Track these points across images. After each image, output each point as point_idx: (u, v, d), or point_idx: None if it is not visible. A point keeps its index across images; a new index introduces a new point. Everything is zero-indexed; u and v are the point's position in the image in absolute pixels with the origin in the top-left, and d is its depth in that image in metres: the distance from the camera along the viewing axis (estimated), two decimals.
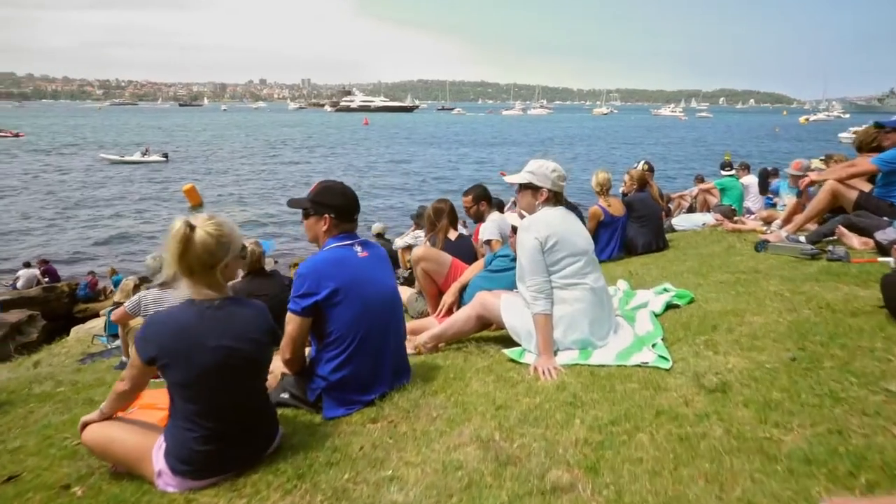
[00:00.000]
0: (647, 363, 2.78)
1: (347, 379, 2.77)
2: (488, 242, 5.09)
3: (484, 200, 5.21)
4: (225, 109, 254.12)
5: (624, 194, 6.93)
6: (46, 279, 17.58)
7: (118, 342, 6.96)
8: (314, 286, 2.69)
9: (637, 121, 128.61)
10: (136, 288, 8.70)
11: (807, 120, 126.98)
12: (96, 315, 15.14)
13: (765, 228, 6.63)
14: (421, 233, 11.41)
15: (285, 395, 3.05)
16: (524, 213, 3.40)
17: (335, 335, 2.75)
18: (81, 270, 19.11)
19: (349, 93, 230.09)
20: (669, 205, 13.24)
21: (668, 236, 8.28)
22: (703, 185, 10.51)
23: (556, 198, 3.33)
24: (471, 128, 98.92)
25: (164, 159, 45.04)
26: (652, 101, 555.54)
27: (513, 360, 3.16)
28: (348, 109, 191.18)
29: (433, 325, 3.89)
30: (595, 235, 6.27)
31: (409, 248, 8.75)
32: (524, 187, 3.35)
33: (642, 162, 7.40)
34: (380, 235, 10.74)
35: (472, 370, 3.10)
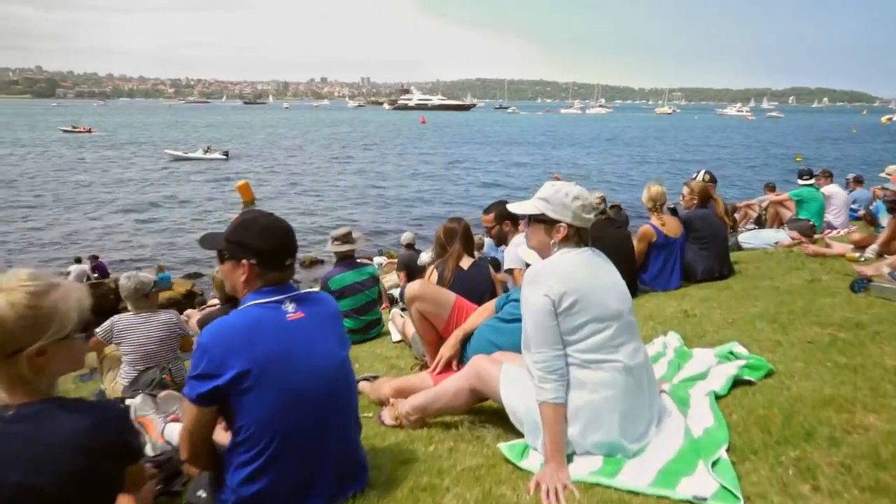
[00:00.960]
0: (703, 500, 1.82)
1: (264, 494, 1.94)
2: (510, 272, 4.19)
3: (508, 220, 4.27)
4: (287, 107, 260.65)
5: (672, 209, 5.82)
6: (96, 275, 17.66)
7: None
8: (215, 365, 1.87)
9: (701, 121, 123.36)
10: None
11: (889, 119, 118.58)
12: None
13: (857, 255, 5.43)
14: None
15: (201, 494, 2.27)
16: (536, 254, 2.50)
17: (245, 433, 1.93)
18: (133, 267, 19.25)
19: (407, 91, 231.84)
20: (735, 214, 11.89)
21: (733, 256, 7.14)
22: (775, 196, 9.19)
23: (579, 235, 2.40)
24: (527, 127, 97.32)
25: (225, 157, 45.97)
26: (717, 101, 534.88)
27: (510, 463, 2.26)
28: (406, 108, 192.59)
29: (427, 384, 3.04)
30: (646, 259, 5.26)
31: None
32: (535, 220, 2.44)
33: (702, 172, 6.28)
34: (410, 246, 9.93)
35: (453, 474, 2.22)
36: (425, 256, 8.34)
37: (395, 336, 4.71)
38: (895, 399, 2.28)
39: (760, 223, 11.30)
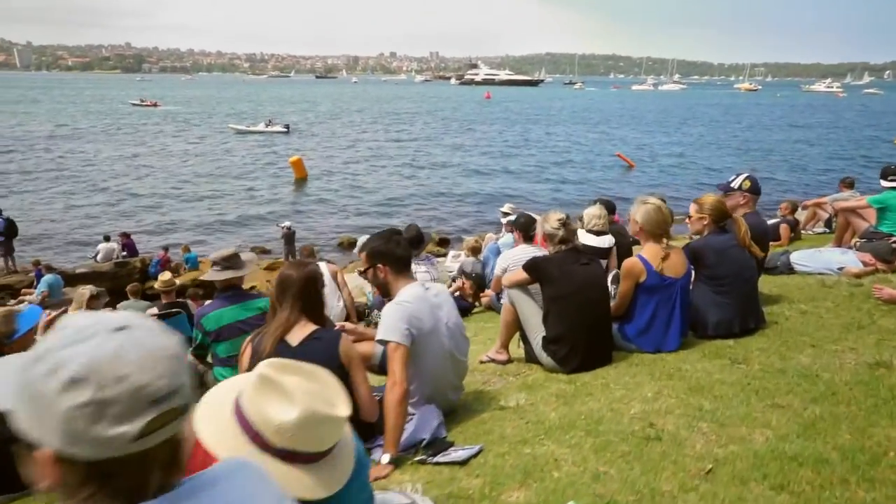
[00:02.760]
0: None
1: None
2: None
3: (383, 262, 2.86)
4: (356, 82, 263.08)
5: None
6: (125, 253, 17.42)
7: None
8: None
9: (784, 98, 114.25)
10: (94, 299, 7.25)
11: None
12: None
13: None
14: (461, 254, 8.99)
15: None
16: None
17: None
18: (174, 243, 19.01)
19: (474, 66, 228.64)
20: (795, 215, 9.90)
21: (777, 283, 5.42)
22: (844, 203, 7.21)
23: None
24: (592, 104, 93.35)
25: (286, 130, 46.36)
26: (806, 76, 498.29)
27: None
28: (472, 83, 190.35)
29: None
30: (632, 305, 3.74)
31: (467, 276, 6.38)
32: None
33: (742, 177, 4.59)
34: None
35: None
36: (450, 262, 6.97)
37: None
38: None
39: (832, 226, 9.31)
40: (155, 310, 6.73)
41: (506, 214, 10.57)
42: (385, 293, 2.89)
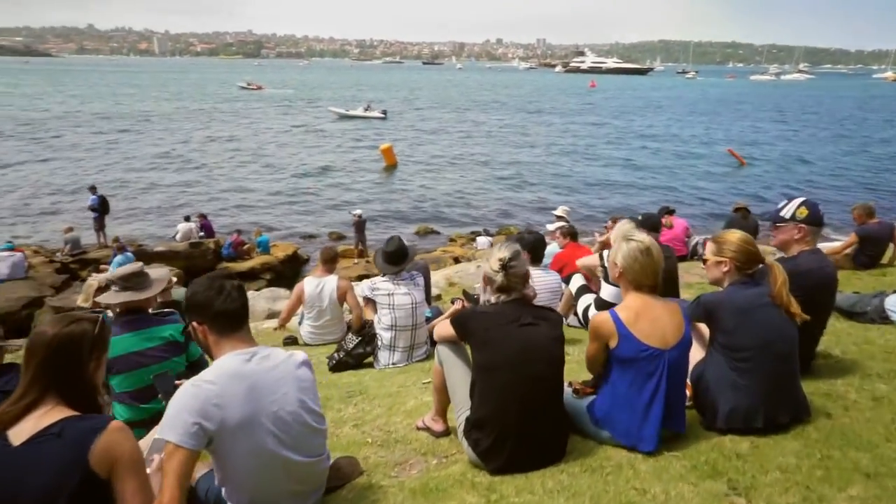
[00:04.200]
0: None
1: None
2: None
3: (199, 319, 2.11)
4: (460, 68, 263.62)
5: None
6: (202, 234, 17.92)
7: None
8: None
9: None
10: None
11: None
12: (236, 275, 14.78)
13: None
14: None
15: None
16: None
17: None
18: (255, 223, 19.47)
19: (581, 53, 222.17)
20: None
21: (860, 336, 4.13)
22: None
23: None
24: (705, 94, 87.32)
25: (383, 116, 47.07)
26: None
27: None
28: (578, 70, 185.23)
29: None
30: (602, 376, 2.74)
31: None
32: None
33: (797, 203, 3.39)
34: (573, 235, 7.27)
35: None
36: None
37: None
38: None
39: None
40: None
41: (559, 219, 9.48)
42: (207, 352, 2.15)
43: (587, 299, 5.17)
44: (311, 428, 2.10)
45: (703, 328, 2.96)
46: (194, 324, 2.09)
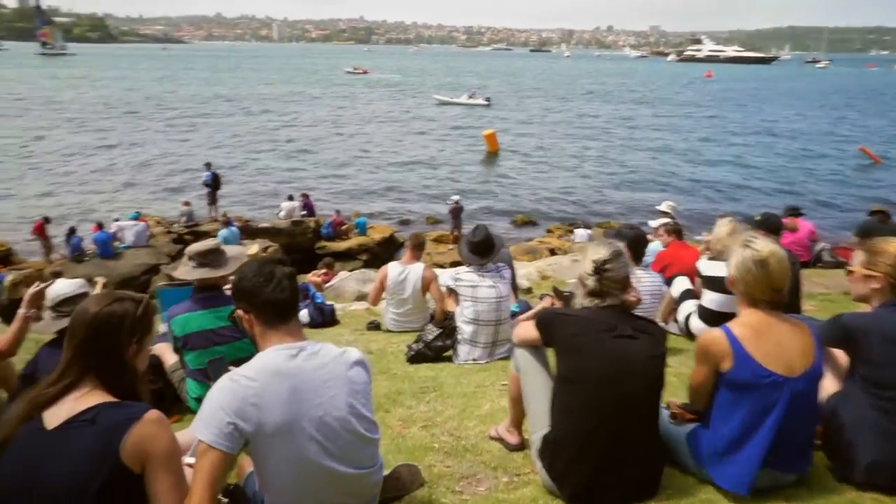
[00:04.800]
0: None
1: None
2: None
3: (245, 307, 1.91)
4: (568, 56, 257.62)
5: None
6: (304, 212, 18.59)
7: None
8: None
9: None
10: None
11: None
12: (331, 255, 15.29)
13: None
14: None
15: None
16: None
17: None
18: (353, 205, 19.98)
19: (697, 41, 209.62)
20: None
21: None
22: None
23: None
24: (838, 84, 79.71)
25: (487, 103, 47.00)
26: None
27: None
28: (693, 59, 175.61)
29: None
30: (710, 402, 2.31)
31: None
32: None
33: None
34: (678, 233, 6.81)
35: None
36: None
37: None
38: None
39: None
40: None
41: (663, 214, 8.79)
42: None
43: (690, 306, 4.66)
44: (361, 437, 1.86)
45: (840, 355, 2.45)
46: (240, 312, 1.92)
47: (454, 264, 15.20)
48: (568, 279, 7.32)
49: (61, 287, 3.19)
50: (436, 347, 4.49)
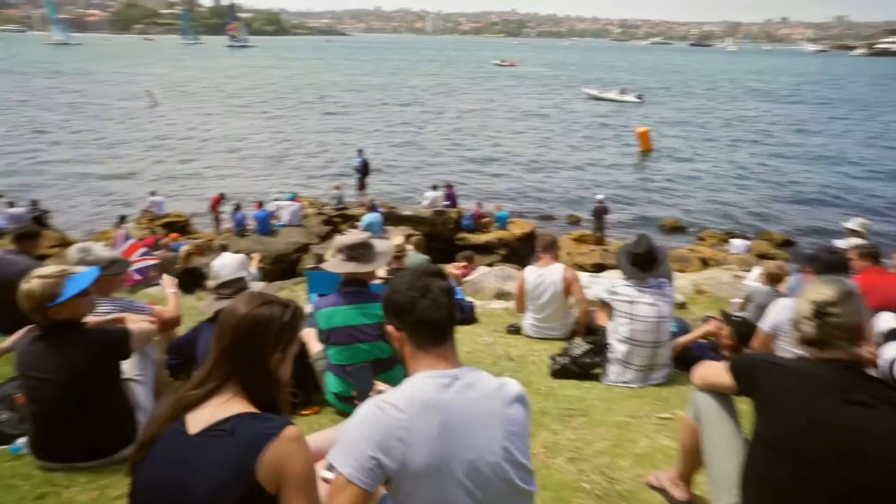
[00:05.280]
0: None
1: None
2: None
3: (396, 324, 1.69)
4: (732, 50, 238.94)
5: None
6: (446, 202, 18.89)
7: None
8: None
9: None
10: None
11: None
12: (471, 247, 15.42)
13: None
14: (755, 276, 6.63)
15: None
16: None
17: None
18: (491, 199, 20.00)
19: (895, 31, 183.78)
20: None
21: None
22: None
23: None
24: None
25: (639, 100, 45.14)
26: None
27: None
28: (888, 53, 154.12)
29: None
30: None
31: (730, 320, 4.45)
32: None
33: None
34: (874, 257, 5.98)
35: None
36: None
37: None
38: None
39: None
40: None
41: (852, 233, 7.62)
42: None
43: None
44: (517, 488, 1.58)
45: None
46: (391, 328, 1.72)
47: (595, 267, 14.52)
48: (730, 298, 6.55)
49: (221, 268, 3.29)
50: (583, 364, 4.13)
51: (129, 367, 2.84)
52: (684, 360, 4.32)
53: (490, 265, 13.02)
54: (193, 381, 1.61)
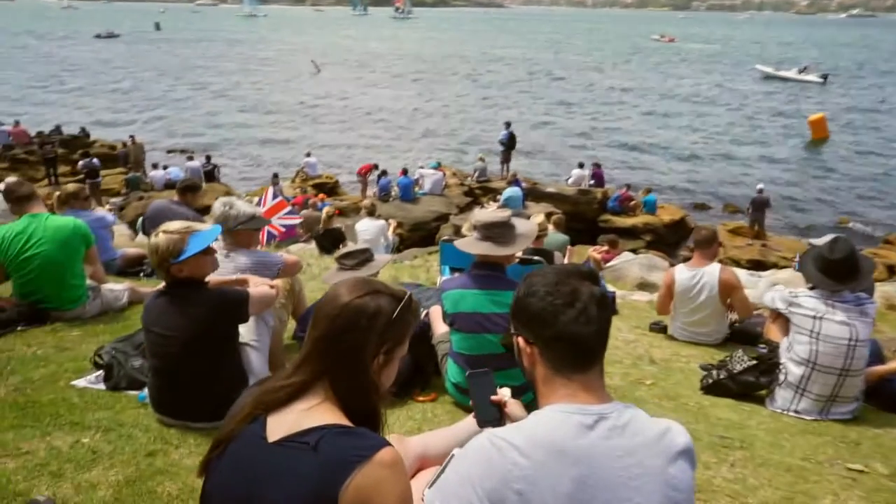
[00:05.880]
0: None
1: None
2: None
3: (530, 337, 1.26)
4: None
5: None
6: (592, 182, 18.24)
7: None
8: None
9: None
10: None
11: None
12: (614, 230, 14.73)
13: None
14: None
15: None
16: None
17: None
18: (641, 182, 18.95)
19: None
20: None
21: None
22: None
23: None
24: None
25: (822, 80, 40.38)
26: None
27: None
28: None
29: None
30: None
31: None
32: None
33: None
34: None
35: None
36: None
37: None
38: None
39: None
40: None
41: None
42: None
43: None
44: None
45: None
46: (521, 340, 1.34)
47: (752, 263, 13.09)
48: None
49: (362, 231, 3.16)
50: (744, 383, 3.49)
51: (245, 332, 2.77)
52: (879, 393, 3.52)
53: (634, 251, 12.19)
54: (279, 377, 1.36)
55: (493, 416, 1.65)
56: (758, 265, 12.85)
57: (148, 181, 17.18)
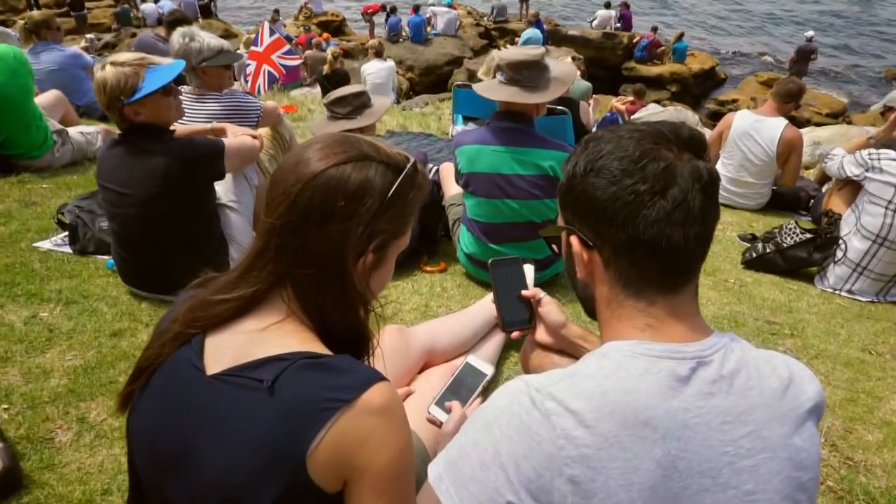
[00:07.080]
0: None
1: None
2: None
3: (580, 228, 0.80)
4: None
5: None
6: (618, 25, 16.98)
7: None
8: None
9: None
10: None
11: None
12: (640, 79, 13.74)
13: None
14: None
15: None
16: None
17: None
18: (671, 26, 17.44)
19: None
20: None
21: None
22: None
23: None
24: None
25: None
26: None
27: None
28: None
29: None
30: None
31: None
32: None
33: None
34: None
35: None
36: None
37: None
38: None
39: None
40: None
41: None
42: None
43: None
44: None
45: None
46: (575, 240, 0.85)
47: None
48: None
49: (369, 74, 2.61)
50: (793, 258, 3.08)
51: (223, 191, 2.33)
52: None
53: (658, 102, 11.48)
54: (222, 281, 0.93)
55: (522, 318, 1.25)
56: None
57: (140, 15, 15.99)
